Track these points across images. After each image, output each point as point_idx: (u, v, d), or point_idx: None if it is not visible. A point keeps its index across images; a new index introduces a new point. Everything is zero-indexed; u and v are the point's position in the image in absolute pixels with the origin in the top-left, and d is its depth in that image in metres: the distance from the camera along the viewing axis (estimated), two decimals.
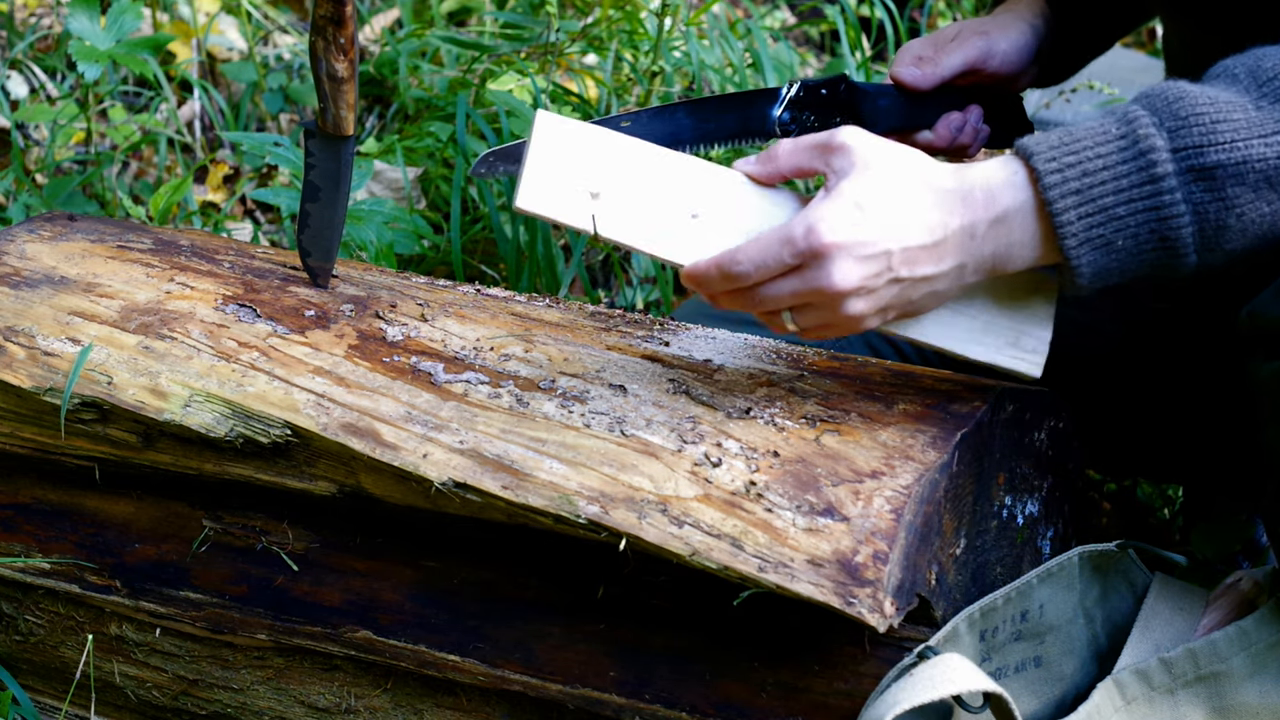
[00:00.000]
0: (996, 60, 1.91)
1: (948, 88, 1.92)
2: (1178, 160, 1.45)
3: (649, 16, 2.88)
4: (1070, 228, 1.48)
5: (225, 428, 1.67)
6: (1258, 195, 1.46)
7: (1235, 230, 1.47)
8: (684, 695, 1.57)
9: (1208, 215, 1.46)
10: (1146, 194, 1.46)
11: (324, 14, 1.72)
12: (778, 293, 1.51)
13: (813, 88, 1.84)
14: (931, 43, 1.92)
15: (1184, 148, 1.45)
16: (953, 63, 1.89)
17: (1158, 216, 1.46)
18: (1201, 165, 1.45)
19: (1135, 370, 1.94)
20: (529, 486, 1.55)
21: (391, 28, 3.38)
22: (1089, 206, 1.47)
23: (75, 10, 2.50)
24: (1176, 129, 1.46)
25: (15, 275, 1.85)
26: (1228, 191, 1.45)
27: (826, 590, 1.44)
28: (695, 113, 1.75)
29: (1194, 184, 1.45)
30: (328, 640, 1.69)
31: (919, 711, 1.45)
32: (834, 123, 1.86)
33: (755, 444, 1.56)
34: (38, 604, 1.82)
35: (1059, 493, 1.79)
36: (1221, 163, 1.45)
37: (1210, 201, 1.45)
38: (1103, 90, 3.13)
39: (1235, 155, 1.45)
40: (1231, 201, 1.45)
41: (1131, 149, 1.47)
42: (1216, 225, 1.46)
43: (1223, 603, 1.65)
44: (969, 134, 1.91)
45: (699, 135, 1.77)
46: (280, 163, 2.39)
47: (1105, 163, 1.47)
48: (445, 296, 1.84)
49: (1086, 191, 1.47)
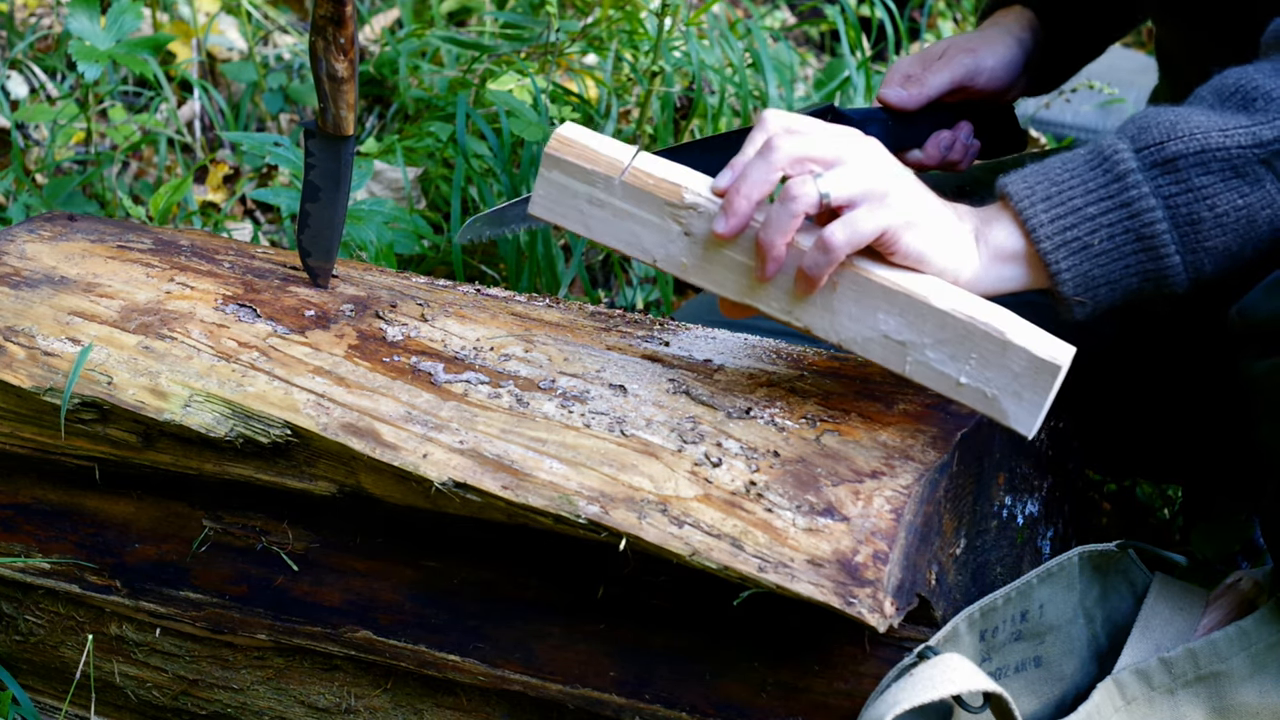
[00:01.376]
0: (984, 77, 1.93)
1: (936, 105, 1.93)
2: (1141, 158, 1.50)
3: (649, 16, 2.88)
4: (1043, 230, 1.52)
5: (225, 428, 1.67)
6: (1227, 185, 1.49)
7: (1211, 223, 1.50)
8: (684, 695, 1.57)
9: (1179, 207, 1.50)
10: (1115, 191, 1.51)
11: (324, 14, 1.73)
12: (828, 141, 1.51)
13: None
14: (919, 61, 1.94)
15: (1145, 146, 1.51)
16: (939, 82, 1.92)
17: (1130, 213, 1.50)
18: (1163, 157, 1.50)
19: (1134, 370, 1.94)
20: (529, 486, 1.55)
21: (391, 28, 3.38)
22: (1060, 209, 1.52)
23: (75, 10, 2.50)
24: (1138, 134, 1.52)
25: (15, 275, 1.85)
26: (1194, 181, 1.49)
27: (826, 590, 1.44)
28: (682, 156, 1.74)
29: (1160, 176, 1.50)
30: (328, 640, 1.69)
31: (919, 711, 1.45)
32: None
33: (755, 444, 1.57)
34: (38, 604, 1.82)
35: (1059, 493, 1.79)
36: (1181, 152, 1.49)
37: (1180, 193, 1.50)
38: (1103, 90, 3.13)
39: (1194, 145, 1.49)
40: (1200, 192, 1.49)
41: (1097, 157, 1.52)
42: (1190, 217, 1.50)
43: (1223, 603, 1.65)
44: (959, 151, 1.94)
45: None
46: (280, 163, 2.39)
47: (1073, 173, 1.53)
48: (445, 296, 1.84)
49: (1056, 197, 1.52)
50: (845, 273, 1.53)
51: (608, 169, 1.57)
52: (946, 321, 1.50)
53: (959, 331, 1.50)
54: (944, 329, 1.51)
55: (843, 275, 1.53)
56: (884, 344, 1.53)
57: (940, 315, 1.50)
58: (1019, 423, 1.51)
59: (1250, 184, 1.49)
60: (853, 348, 1.55)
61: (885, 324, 1.53)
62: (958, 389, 1.52)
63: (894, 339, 1.53)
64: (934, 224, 1.52)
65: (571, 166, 1.58)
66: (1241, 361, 1.53)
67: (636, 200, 1.57)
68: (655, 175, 1.57)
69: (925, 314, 1.51)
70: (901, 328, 1.52)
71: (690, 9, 3.16)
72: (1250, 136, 1.49)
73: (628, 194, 1.57)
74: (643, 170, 1.57)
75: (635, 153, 1.58)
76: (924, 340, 1.52)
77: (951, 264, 1.53)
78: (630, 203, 1.57)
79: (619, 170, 1.57)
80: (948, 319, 1.50)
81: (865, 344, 1.54)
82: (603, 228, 1.59)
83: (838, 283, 1.53)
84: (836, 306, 1.54)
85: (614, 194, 1.57)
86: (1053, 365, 1.48)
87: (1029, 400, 1.50)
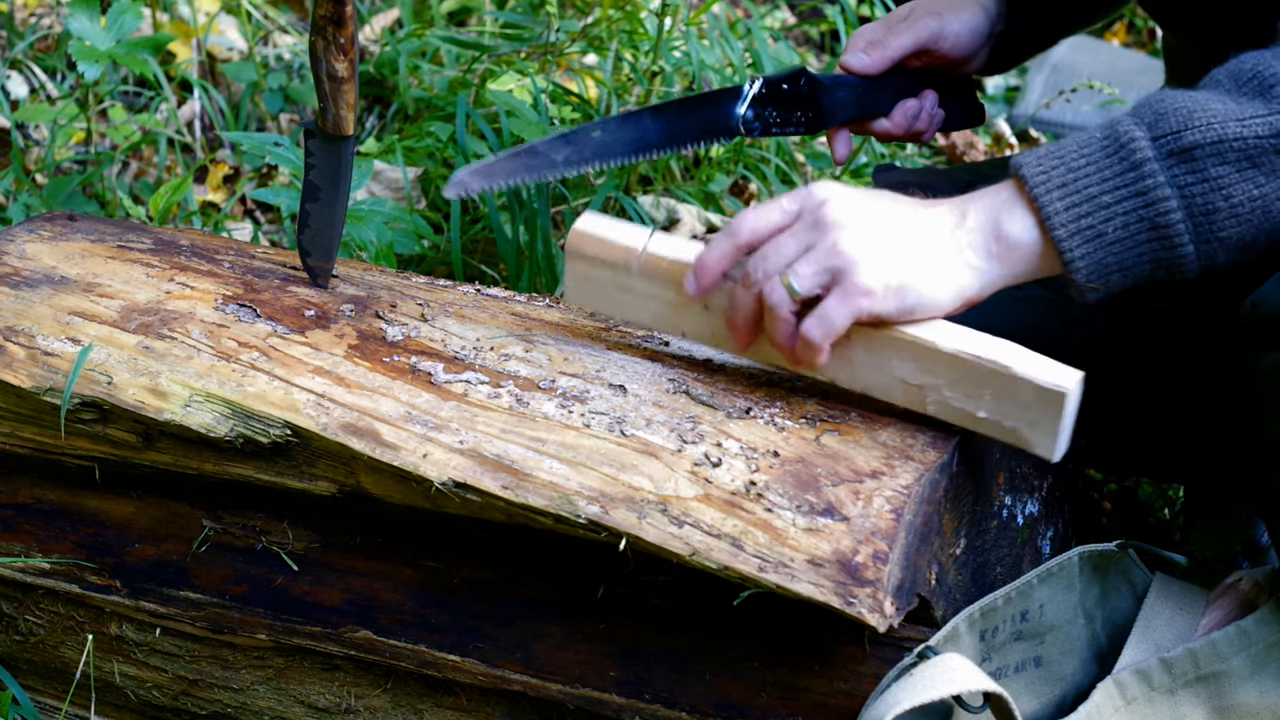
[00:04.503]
0: (948, 42, 1.93)
1: (903, 73, 1.93)
2: (1157, 146, 1.49)
3: (649, 16, 2.88)
4: (1058, 218, 1.51)
5: (225, 428, 1.67)
6: (1242, 175, 1.48)
7: (1226, 213, 1.49)
8: (684, 695, 1.57)
9: (1194, 197, 1.49)
10: (1130, 180, 1.50)
11: (324, 14, 1.72)
12: (780, 245, 1.55)
13: (774, 83, 1.85)
14: (884, 25, 1.95)
15: (1162, 134, 1.49)
16: (903, 43, 1.92)
17: (1144, 202, 1.49)
18: (1180, 147, 1.48)
19: (1135, 369, 1.94)
20: (529, 486, 1.55)
21: (391, 28, 3.38)
22: (1076, 196, 1.51)
23: (75, 10, 2.50)
24: (1155, 121, 1.50)
25: (15, 275, 1.85)
26: (1210, 171, 1.48)
27: (826, 590, 1.44)
28: (660, 116, 1.77)
29: (1176, 166, 1.49)
30: (328, 640, 1.69)
31: (919, 711, 1.45)
32: (795, 117, 1.88)
33: (755, 444, 1.56)
34: (38, 604, 1.82)
35: (1059, 492, 1.79)
36: (1198, 142, 1.48)
37: (1195, 183, 1.49)
38: (1103, 90, 3.13)
39: (1211, 135, 1.48)
40: (1216, 182, 1.48)
41: (1113, 143, 1.51)
42: (1205, 208, 1.49)
43: (1223, 603, 1.65)
44: (924, 120, 1.95)
45: (665, 139, 1.79)
46: (280, 163, 2.39)
47: (1090, 159, 1.51)
48: (445, 296, 1.84)
49: (1072, 184, 1.51)
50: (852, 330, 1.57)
51: (624, 257, 1.65)
52: (955, 363, 1.54)
53: (967, 371, 1.54)
54: (954, 369, 1.54)
55: (852, 332, 1.57)
56: (904, 388, 1.58)
57: (948, 357, 1.54)
58: (1041, 448, 1.54)
59: (1266, 174, 1.48)
60: (877, 394, 1.60)
61: (900, 369, 1.57)
62: (978, 423, 1.55)
63: (912, 383, 1.57)
64: (916, 267, 1.54)
65: (591, 258, 1.66)
66: (1251, 353, 1.52)
67: (655, 281, 1.65)
68: (669, 258, 1.63)
69: (934, 357, 1.54)
70: (916, 372, 1.56)
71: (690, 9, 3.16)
72: (1268, 126, 1.48)
73: (647, 276, 1.65)
74: (657, 254, 1.64)
75: (649, 236, 1.64)
76: (939, 381, 1.56)
77: (948, 295, 1.54)
78: (650, 284, 1.65)
79: (635, 257, 1.64)
80: (956, 360, 1.54)
81: (887, 389, 1.59)
82: (633, 309, 1.68)
83: (850, 338, 1.57)
84: (853, 358, 1.58)
85: (634, 278, 1.65)
86: (1058, 393, 1.50)
87: (1045, 428, 1.52)
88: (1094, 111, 3.37)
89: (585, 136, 1.77)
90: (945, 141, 3.28)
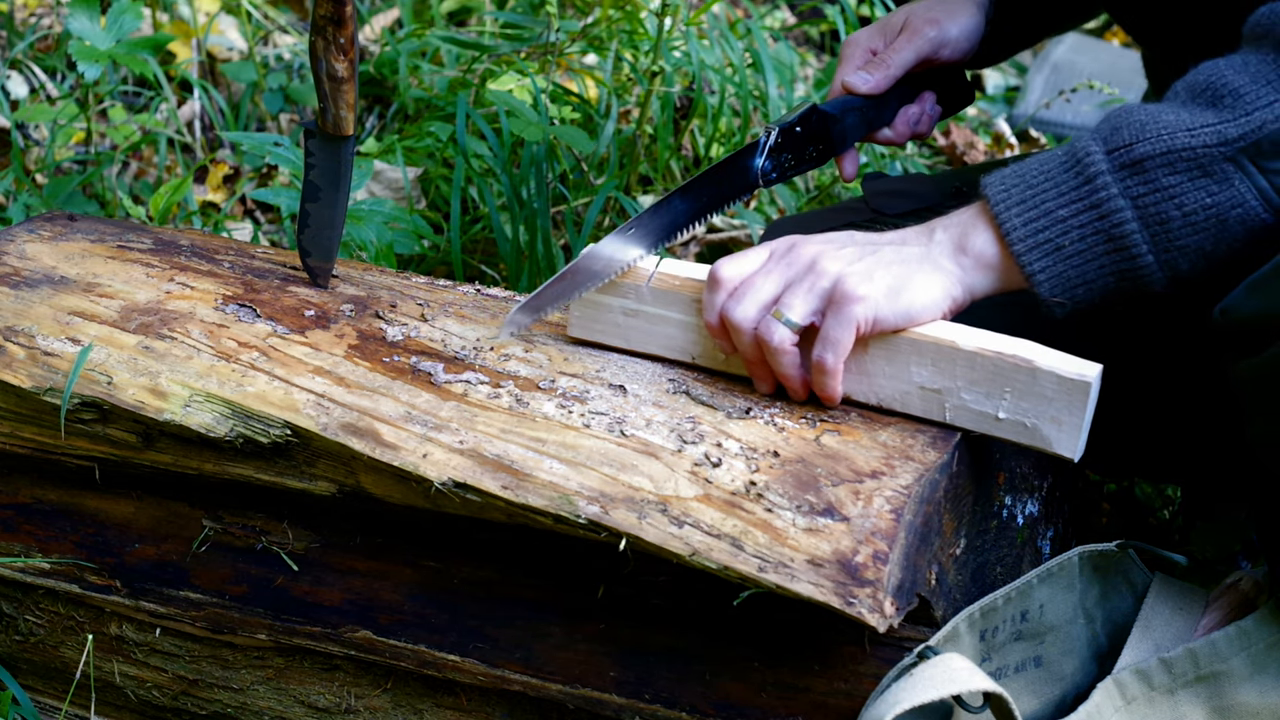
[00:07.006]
0: (949, 49, 1.95)
1: (902, 82, 1.94)
2: (1111, 159, 1.53)
3: (649, 16, 2.88)
4: (1016, 233, 1.55)
5: (225, 428, 1.67)
6: (1194, 184, 1.51)
7: (1180, 222, 1.52)
8: (684, 695, 1.57)
9: (1147, 207, 1.52)
10: (1085, 194, 1.54)
11: (324, 14, 1.73)
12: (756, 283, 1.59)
13: (788, 129, 1.86)
14: (879, 34, 1.95)
15: (1116, 148, 1.53)
16: (905, 59, 1.93)
17: (1099, 214, 1.53)
18: (1132, 159, 1.52)
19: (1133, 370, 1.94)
20: (529, 486, 1.55)
21: (391, 28, 3.38)
22: (1034, 211, 1.55)
23: (75, 10, 2.50)
24: (1109, 135, 1.54)
25: (15, 275, 1.85)
26: (1161, 181, 1.51)
27: (826, 590, 1.44)
28: (687, 195, 1.78)
29: (1128, 178, 1.52)
30: (328, 640, 1.69)
31: (919, 711, 1.45)
32: (808, 154, 1.89)
33: (755, 444, 1.57)
34: (38, 604, 1.82)
35: (1059, 493, 1.79)
36: (1149, 154, 1.51)
37: (1147, 193, 1.52)
38: (1103, 90, 3.13)
39: (1160, 146, 1.51)
40: (1168, 191, 1.51)
41: (1071, 160, 1.55)
42: (1159, 217, 1.52)
43: (1223, 603, 1.65)
44: (925, 122, 1.99)
45: (694, 214, 1.79)
46: (280, 163, 2.39)
47: (1048, 175, 1.56)
48: (445, 296, 1.84)
49: (1030, 200, 1.56)
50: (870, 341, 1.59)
51: (635, 278, 1.67)
52: (975, 361, 1.55)
53: (989, 369, 1.55)
54: (974, 369, 1.55)
55: (870, 343, 1.59)
56: (921, 395, 1.59)
57: (969, 356, 1.55)
58: (1062, 447, 1.55)
59: (1218, 183, 1.51)
60: (893, 405, 1.61)
61: (919, 375, 1.58)
62: (998, 424, 1.56)
63: (929, 388, 1.58)
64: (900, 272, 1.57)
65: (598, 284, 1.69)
66: (1226, 361, 1.54)
67: (666, 303, 1.67)
68: (680, 276, 1.67)
69: (954, 357, 1.56)
70: (935, 376, 1.57)
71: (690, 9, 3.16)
72: (1216, 135, 1.50)
73: (657, 299, 1.67)
74: (668, 274, 1.67)
75: (659, 260, 1.67)
76: (957, 384, 1.57)
77: (938, 293, 1.57)
78: (661, 306, 1.67)
79: (645, 278, 1.67)
80: (976, 358, 1.55)
81: (904, 399, 1.60)
82: (640, 336, 1.70)
83: (868, 348, 1.59)
84: (870, 369, 1.60)
85: (644, 301, 1.68)
86: (1082, 383, 1.52)
87: (1067, 423, 1.54)
88: (1094, 111, 3.37)
89: (622, 234, 1.74)
90: (945, 141, 3.28)
